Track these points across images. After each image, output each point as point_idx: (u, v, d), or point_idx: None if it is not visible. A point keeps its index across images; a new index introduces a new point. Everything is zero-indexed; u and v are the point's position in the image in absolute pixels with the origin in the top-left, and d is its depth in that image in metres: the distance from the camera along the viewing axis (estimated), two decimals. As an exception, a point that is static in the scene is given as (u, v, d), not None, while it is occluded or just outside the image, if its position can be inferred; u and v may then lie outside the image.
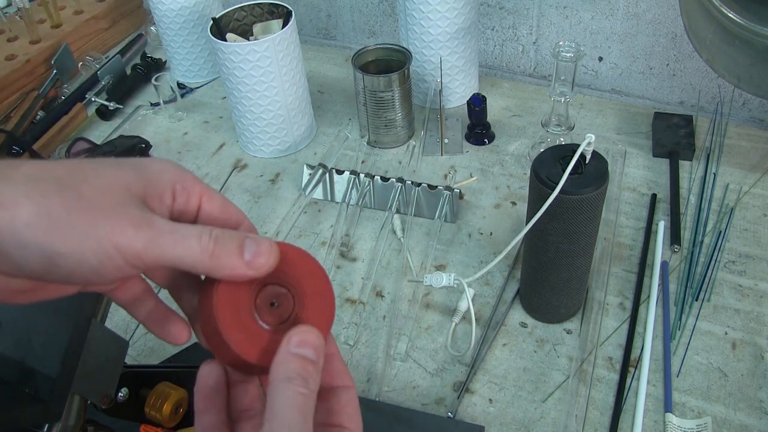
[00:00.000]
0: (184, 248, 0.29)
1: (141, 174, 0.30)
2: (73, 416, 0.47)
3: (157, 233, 0.28)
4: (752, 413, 0.62)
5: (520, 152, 0.92)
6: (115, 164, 0.30)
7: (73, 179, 0.28)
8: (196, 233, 0.29)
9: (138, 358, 0.71)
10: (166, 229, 0.29)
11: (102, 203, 0.28)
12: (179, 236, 0.29)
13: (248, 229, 0.34)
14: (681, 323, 0.69)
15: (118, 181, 0.29)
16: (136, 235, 0.28)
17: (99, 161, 0.30)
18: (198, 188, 0.32)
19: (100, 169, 0.29)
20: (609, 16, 0.96)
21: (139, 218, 0.28)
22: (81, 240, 0.27)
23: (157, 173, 0.31)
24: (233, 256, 0.30)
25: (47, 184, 0.27)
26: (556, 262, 0.63)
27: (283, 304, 0.33)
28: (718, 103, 0.95)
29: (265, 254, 0.30)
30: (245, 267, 0.30)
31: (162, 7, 1.04)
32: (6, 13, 1.17)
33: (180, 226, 0.29)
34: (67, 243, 0.27)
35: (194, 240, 0.29)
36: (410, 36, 0.95)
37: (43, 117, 1.03)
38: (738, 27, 0.71)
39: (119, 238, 0.27)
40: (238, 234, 0.31)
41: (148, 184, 0.30)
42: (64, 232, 0.27)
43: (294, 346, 0.30)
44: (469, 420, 0.63)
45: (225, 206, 0.33)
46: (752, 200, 0.82)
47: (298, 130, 0.95)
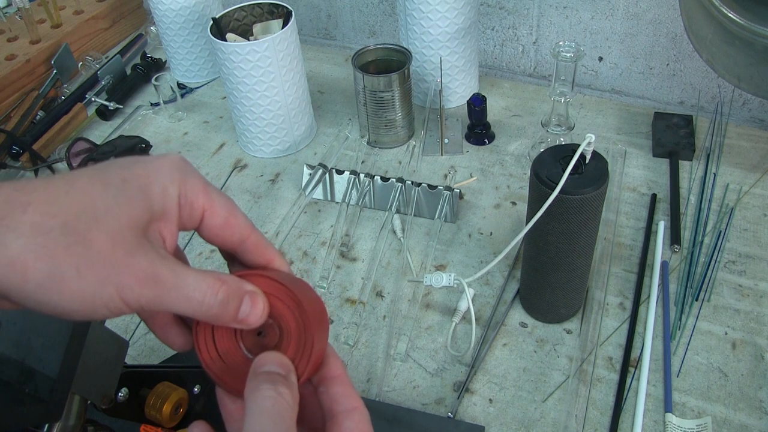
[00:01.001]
0: (186, 306, 0.30)
1: (147, 199, 0.30)
2: (73, 416, 0.47)
3: (161, 290, 0.29)
4: (752, 413, 0.62)
5: (520, 152, 0.92)
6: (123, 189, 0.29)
7: (81, 225, 0.28)
8: (200, 295, 0.30)
9: (138, 358, 0.71)
10: (171, 284, 0.29)
11: (111, 256, 0.28)
12: (183, 296, 0.29)
13: (254, 244, 0.34)
14: (681, 323, 0.69)
15: (126, 219, 0.29)
16: (141, 291, 0.28)
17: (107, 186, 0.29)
18: (201, 201, 0.32)
19: (110, 204, 0.29)
20: (609, 16, 0.96)
21: (145, 272, 0.29)
22: (93, 298, 0.28)
23: (161, 193, 0.31)
24: (229, 315, 0.31)
25: (55, 237, 0.27)
26: (556, 262, 0.63)
27: (269, 334, 0.33)
28: (718, 103, 0.95)
29: (256, 316, 0.32)
30: (237, 323, 0.32)
31: (162, 7, 1.04)
32: (6, 13, 1.17)
33: (186, 283, 0.30)
34: (79, 303, 0.27)
35: (196, 303, 0.30)
36: (410, 36, 0.95)
37: (43, 117, 1.03)
38: (738, 27, 0.71)
39: (126, 293, 0.28)
40: (240, 292, 0.31)
41: (154, 208, 0.30)
42: (75, 294, 0.27)
43: (257, 367, 0.32)
44: (469, 420, 0.63)
45: (229, 222, 0.33)
46: (752, 200, 0.82)
47: (298, 130, 0.95)
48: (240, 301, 0.31)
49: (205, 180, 0.33)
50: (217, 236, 0.33)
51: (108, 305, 0.28)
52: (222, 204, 0.33)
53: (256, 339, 0.33)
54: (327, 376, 0.34)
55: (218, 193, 0.33)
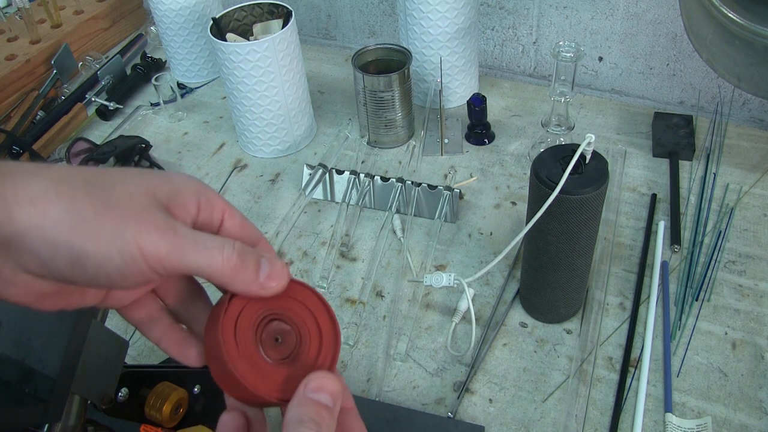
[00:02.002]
0: (207, 257, 0.29)
1: (167, 182, 0.31)
2: (73, 416, 0.47)
3: (181, 240, 0.29)
4: (752, 413, 0.62)
5: (520, 152, 0.92)
6: (141, 173, 0.31)
7: (101, 182, 0.29)
8: (219, 244, 0.30)
9: (138, 358, 0.71)
10: (190, 237, 0.29)
11: (129, 206, 0.28)
12: (202, 246, 0.29)
13: (266, 249, 0.35)
14: (681, 323, 0.69)
15: (145, 186, 0.30)
16: (160, 239, 0.28)
17: (125, 170, 0.31)
18: (221, 204, 0.33)
19: (128, 176, 0.30)
20: (609, 16, 0.96)
21: (164, 223, 0.29)
22: (108, 240, 0.27)
23: (182, 183, 0.32)
24: (250, 272, 0.31)
25: (76, 185, 0.28)
26: (556, 262, 0.63)
27: (287, 341, 0.33)
28: (718, 103, 0.95)
29: (276, 277, 0.31)
30: (258, 286, 0.31)
31: (162, 7, 1.04)
32: (6, 13, 1.17)
33: (203, 236, 0.30)
34: (94, 242, 0.27)
35: (217, 251, 0.30)
36: (410, 36, 0.95)
37: (43, 117, 1.03)
38: (738, 27, 0.71)
39: (144, 241, 0.28)
40: (256, 252, 0.31)
41: (173, 192, 0.31)
42: (91, 232, 0.27)
43: (310, 391, 0.31)
44: (469, 420, 0.63)
45: (244, 224, 0.34)
46: (752, 200, 0.82)
47: (298, 130, 0.95)
48: (258, 260, 0.31)
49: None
50: (236, 235, 0.33)
51: (123, 250, 0.28)
52: (236, 210, 0.34)
53: (275, 345, 0.33)
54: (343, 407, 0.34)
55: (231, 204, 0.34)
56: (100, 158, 0.89)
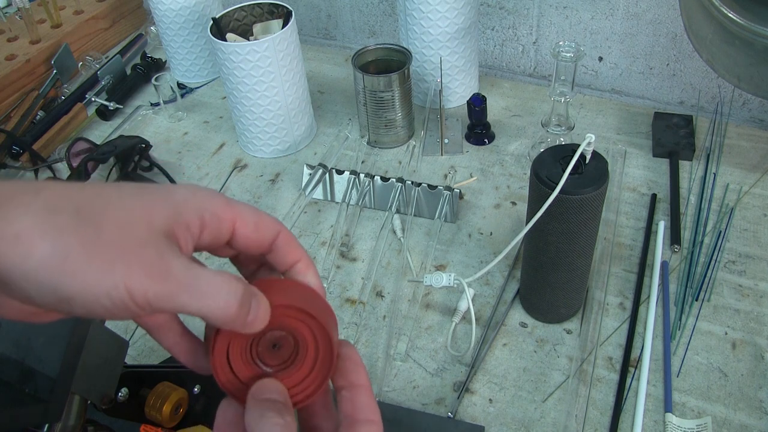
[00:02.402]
0: (202, 305, 0.28)
1: (166, 203, 0.29)
2: (73, 416, 0.47)
3: (173, 285, 0.27)
4: (752, 413, 0.62)
5: (520, 152, 0.92)
6: (139, 192, 0.29)
7: (94, 210, 0.27)
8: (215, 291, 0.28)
9: (138, 358, 0.71)
10: (184, 280, 0.28)
11: (120, 242, 0.27)
12: (197, 292, 0.28)
13: (284, 241, 0.34)
14: (681, 323, 0.69)
15: (141, 212, 0.28)
16: (150, 283, 0.27)
17: (123, 187, 0.29)
18: (229, 213, 0.31)
19: (125, 197, 0.28)
20: (609, 16, 0.96)
21: (156, 264, 0.27)
22: (96, 283, 0.26)
23: (183, 201, 0.30)
24: (242, 317, 0.30)
25: (65, 216, 0.26)
26: (556, 262, 0.63)
27: (285, 346, 0.33)
28: (718, 103, 0.95)
29: (260, 319, 0.30)
30: (242, 326, 0.30)
31: (162, 7, 1.04)
32: (6, 13, 1.17)
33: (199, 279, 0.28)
34: (81, 285, 0.26)
35: (212, 300, 0.28)
36: (410, 36, 0.95)
37: (43, 117, 1.03)
38: (738, 27, 0.71)
39: (134, 284, 0.27)
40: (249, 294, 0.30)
41: (173, 214, 0.29)
42: (78, 274, 0.26)
43: (258, 393, 0.31)
44: (469, 420, 0.63)
45: (259, 226, 0.33)
46: (752, 200, 0.82)
47: (298, 130, 0.95)
48: (248, 302, 0.30)
49: (225, 195, 0.32)
50: (252, 242, 0.32)
51: (111, 294, 0.26)
52: (248, 211, 0.32)
53: (272, 352, 0.33)
54: (355, 383, 0.34)
55: (241, 203, 0.32)
56: (100, 158, 0.89)
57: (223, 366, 0.32)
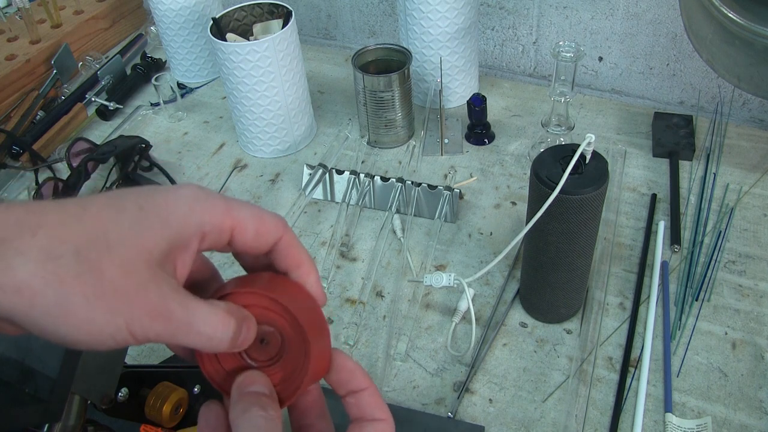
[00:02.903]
0: (197, 340, 0.30)
1: (165, 226, 0.29)
2: (73, 416, 0.47)
3: (174, 326, 0.29)
4: (752, 413, 0.62)
5: (520, 152, 0.92)
6: (138, 218, 0.29)
7: (93, 253, 0.27)
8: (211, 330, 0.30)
9: (138, 358, 0.71)
10: (183, 321, 0.29)
11: (122, 286, 0.27)
12: (194, 331, 0.29)
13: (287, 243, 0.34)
14: (681, 323, 0.69)
15: (140, 247, 0.28)
16: (152, 325, 0.28)
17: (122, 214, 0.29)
18: (228, 222, 0.31)
19: (123, 230, 0.28)
20: (609, 16, 0.96)
21: (156, 307, 0.28)
22: (100, 329, 0.27)
23: (184, 218, 0.30)
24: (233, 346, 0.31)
25: (65, 264, 0.26)
26: (556, 262, 0.63)
27: (272, 342, 0.33)
28: (718, 103, 0.95)
29: (248, 340, 0.32)
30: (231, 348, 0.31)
31: (162, 7, 1.04)
32: (6, 13, 1.17)
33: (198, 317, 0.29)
34: (86, 332, 0.27)
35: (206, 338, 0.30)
36: (410, 36, 0.95)
37: (43, 117, 1.03)
38: (738, 27, 0.71)
39: (136, 328, 0.28)
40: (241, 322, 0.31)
41: (172, 238, 0.29)
42: (83, 325, 0.27)
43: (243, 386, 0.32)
44: (469, 420, 0.63)
45: (259, 231, 0.32)
46: (752, 200, 0.82)
47: (298, 130, 0.95)
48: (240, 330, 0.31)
49: (226, 198, 0.32)
50: (251, 248, 0.33)
51: (115, 337, 0.27)
52: (249, 216, 0.32)
53: (259, 347, 0.33)
54: (356, 389, 0.34)
55: (243, 205, 0.32)
56: (100, 158, 0.89)
57: (210, 357, 0.33)
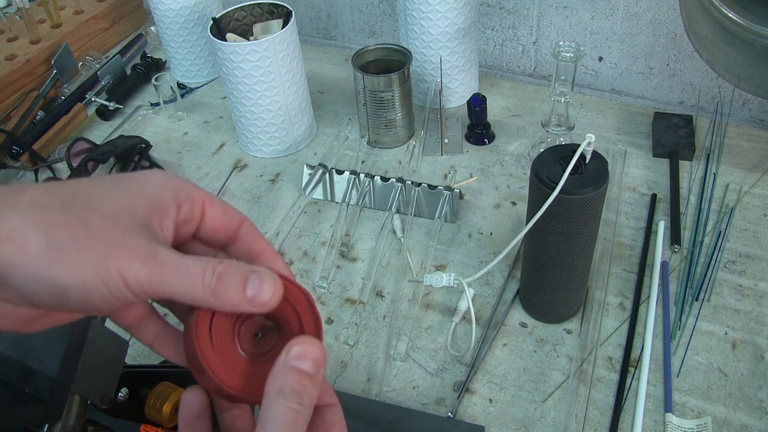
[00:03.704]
0: (187, 285, 0.29)
1: (144, 194, 0.30)
2: (73, 416, 0.47)
3: (162, 267, 0.28)
4: (752, 413, 0.62)
5: (520, 152, 0.92)
6: (118, 183, 0.30)
7: (79, 205, 0.28)
8: (200, 271, 0.29)
9: (138, 358, 0.71)
10: (172, 263, 0.29)
11: (110, 233, 0.28)
12: (184, 272, 0.29)
13: (249, 229, 0.35)
14: (681, 323, 0.69)
15: (123, 204, 0.29)
16: (141, 268, 0.28)
17: (102, 181, 0.30)
18: (200, 195, 0.33)
19: (106, 191, 0.29)
20: (609, 16, 0.96)
21: (145, 250, 0.28)
22: (92, 272, 0.27)
23: (159, 186, 0.31)
24: (236, 293, 0.30)
25: (53, 212, 0.27)
26: (556, 262, 0.63)
27: (267, 337, 0.33)
28: (718, 103, 0.95)
29: (267, 291, 0.30)
30: (247, 303, 0.30)
31: (162, 7, 1.04)
32: (6, 13, 1.17)
33: (185, 261, 0.29)
34: (78, 275, 0.27)
35: (198, 278, 0.29)
36: (410, 36, 0.95)
37: (43, 117, 1.03)
38: (738, 27, 0.71)
39: (126, 270, 0.27)
40: (244, 270, 0.30)
41: (151, 200, 0.30)
42: (74, 265, 0.27)
43: (292, 358, 0.30)
44: (469, 420, 0.63)
45: (226, 210, 0.34)
46: (752, 200, 0.82)
47: (298, 130, 0.95)
48: (245, 278, 0.30)
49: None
50: (220, 225, 0.33)
51: (107, 282, 0.27)
52: (215, 197, 0.34)
53: (254, 341, 0.32)
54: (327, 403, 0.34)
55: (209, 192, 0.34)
56: (100, 158, 0.89)
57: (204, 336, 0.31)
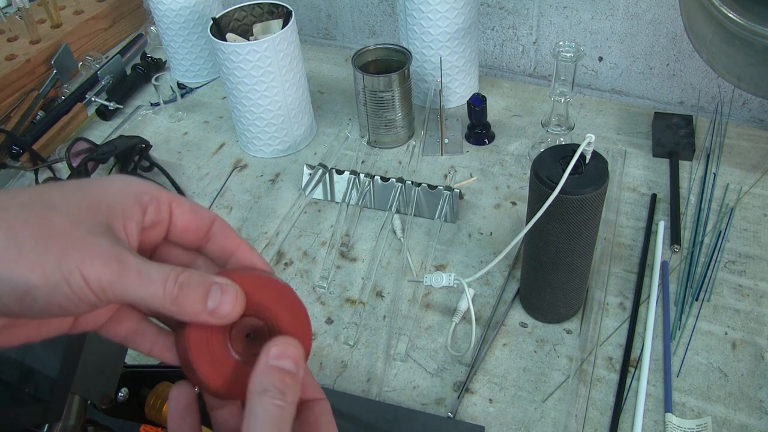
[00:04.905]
0: (149, 291, 0.28)
1: (104, 198, 0.30)
2: (73, 416, 0.47)
3: (124, 271, 0.28)
4: (752, 413, 0.62)
5: (520, 152, 0.92)
6: (79, 189, 0.30)
7: (40, 204, 0.28)
8: (162, 278, 0.29)
9: (138, 358, 0.71)
10: (134, 267, 0.28)
11: (71, 233, 0.27)
12: (145, 279, 0.28)
13: (221, 227, 0.34)
14: (681, 323, 0.69)
15: (85, 205, 0.29)
16: (103, 269, 0.27)
17: (64, 187, 0.30)
18: (165, 196, 0.32)
19: (66, 195, 0.29)
20: (609, 16, 0.96)
21: (107, 251, 0.28)
22: (53, 269, 0.26)
23: (121, 190, 0.31)
24: (196, 304, 0.29)
25: (14, 212, 0.27)
26: (556, 262, 0.63)
27: (258, 337, 0.33)
28: (718, 103, 0.95)
29: (228, 304, 0.30)
30: (207, 315, 0.30)
31: (162, 7, 1.04)
32: (6, 13, 1.17)
33: (148, 267, 0.29)
34: (40, 273, 0.26)
35: (159, 285, 0.28)
36: (410, 36, 0.95)
37: (43, 117, 1.03)
38: (738, 27, 0.71)
39: (88, 271, 0.27)
40: (206, 281, 0.30)
41: (112, 205, 0.30)
42: (35, 264, 0.26)
43: (272, 358, 0.30)
44: (469, 420, 0.63)
45: (194, 208, 0.33)
46: (752, 200, 0.82)
47: (298, 130, 0.95)
48: (206, 289, 0.30)
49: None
50: (190, 224, 0.33)
51: (68, 280, 0.27)
52: (183, 197, 0.33)
53: (245, 342, 0.32)
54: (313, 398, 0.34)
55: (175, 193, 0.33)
56: (100, 158, 0.89)
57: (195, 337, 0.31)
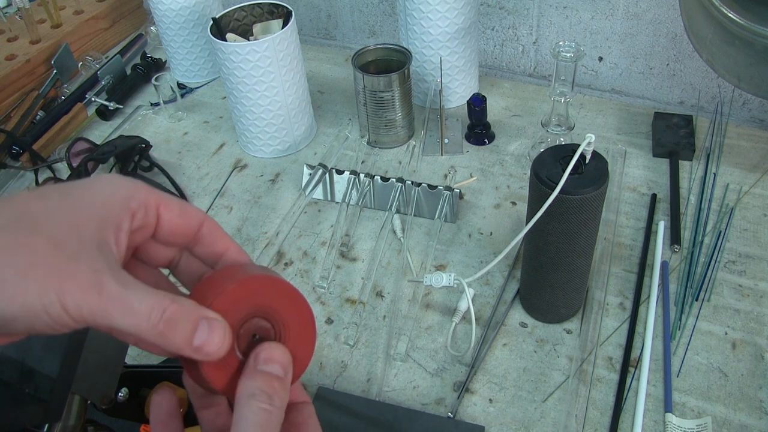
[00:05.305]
0: (131, 323, 0.28)
1: (93, 208, 0.29)
2: (73, 416, 0.47)
3: (105, 301, 0.27)
4: (752, 413, 0.62)
5: (520, 152, 0.92)
6: (66, 199, 0.29)
7: (22, 227, 0.27)
8: (146, 310, 0.28)
9: (138, 358, 0.71)
10: (116, 297, 0.27)
11: (52, 258, 0.27)
12: (128, 310, 0.27)
13: (210, 228, 0.34)
14: (681, 323, 0.69)
15: (69, 226, 0.28)
16: (84, 299, 0.27)
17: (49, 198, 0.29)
18: (153, 198, 0.31)
19: (52, 210, 0.28)
20: (609, 16, 0.96)
21: (88, 280, 0.27)
22: (33, 301, 0.26)
23: (109, 197, 0.30)
24: (183, 340, 0.29)
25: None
26: (556, 262, 0.63)
27: (265, 338, 0.33)
28: (718, 103, 0.95)
29: (216, 343, 0.29)
30: (192, 351, 0.29)
31: (162, 7, 1.04)
32: (6, 13, 1.17)
33: (130, 298, 0.28)
34: (19, 305, 0.26)
35: (143, 317, 0.28)
36: (410, 36, 0.95)
37: (43, 117, 1.03)
38: (738, 27, 0.71)
39: (68, 301, 0.26)
40: (195, 316, 0.29)
41: (102, 216, 0.29)
42: (16, 296, 0.26)
43: (260, 363, 0.31)
44: (469, 420, 0.63)
45: (184, 211, 0.33)
46: (752, 200, 0.82)
47: (298, 130, 0.95)
48: (194, 325, 0.29)
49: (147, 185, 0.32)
50: (178, 228, 0.32)
51: (49, 311, 0.26)
52: (172, 198, 0.33)
53: (251, 342, 0.32)
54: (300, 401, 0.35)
55: (165, 193, 0.33)
56: (100, 158, 0.89)
57: None
